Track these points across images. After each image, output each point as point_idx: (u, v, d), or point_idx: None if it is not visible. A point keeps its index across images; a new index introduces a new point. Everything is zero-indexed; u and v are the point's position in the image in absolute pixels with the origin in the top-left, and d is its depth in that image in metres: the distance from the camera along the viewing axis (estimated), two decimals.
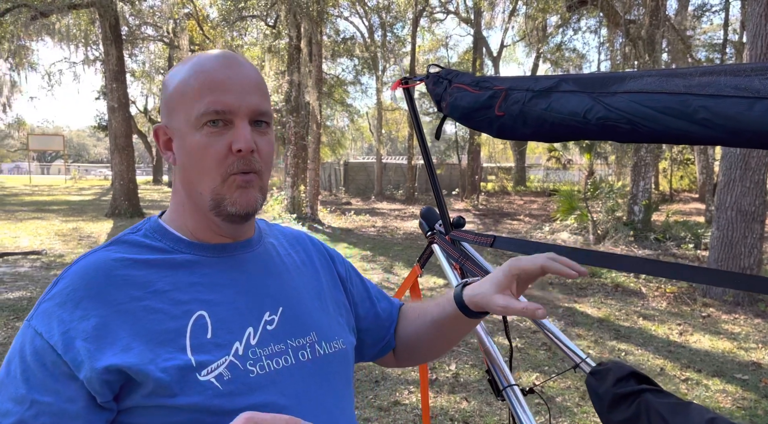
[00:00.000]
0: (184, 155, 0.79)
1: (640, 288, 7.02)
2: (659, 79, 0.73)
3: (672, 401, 0.74)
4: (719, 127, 0.65)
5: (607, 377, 0.80)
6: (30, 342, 0.72)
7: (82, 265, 0.77)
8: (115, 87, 13.32)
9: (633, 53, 11.92)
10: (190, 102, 0.77)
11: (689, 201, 21.23)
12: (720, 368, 4.36)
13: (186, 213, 0.83)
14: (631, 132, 0.75)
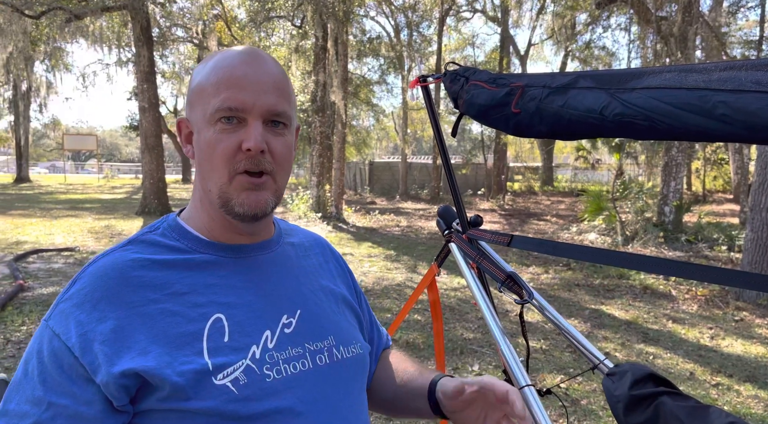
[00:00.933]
0: (198, 150, 0.79)
1: (670, 290, 6.86)
2: (678, 75, 0.71)
3: (690, 405, 0.73)
4: (739, 123, 0.64)
5: (624, 378, 0.78)
6: (48, 343, 0.71)
7: (100, 265, 0.76)
8: (145, 88, 13.61)
9: (665, 51, 11.65)
10: (207, 97, 0.76)
11: (723, 202, 20.64)
12: (752, 373, 4.23)
13: (203, 210, 0.82)
14: (649, 129, 0.74)
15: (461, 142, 33.43)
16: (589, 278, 7.62)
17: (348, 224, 13.14)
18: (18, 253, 7.90)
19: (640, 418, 0.74)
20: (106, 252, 0.79)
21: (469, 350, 4.56)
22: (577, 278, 7.70)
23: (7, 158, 43.16)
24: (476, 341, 4.78)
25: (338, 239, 10.56)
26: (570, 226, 13.17)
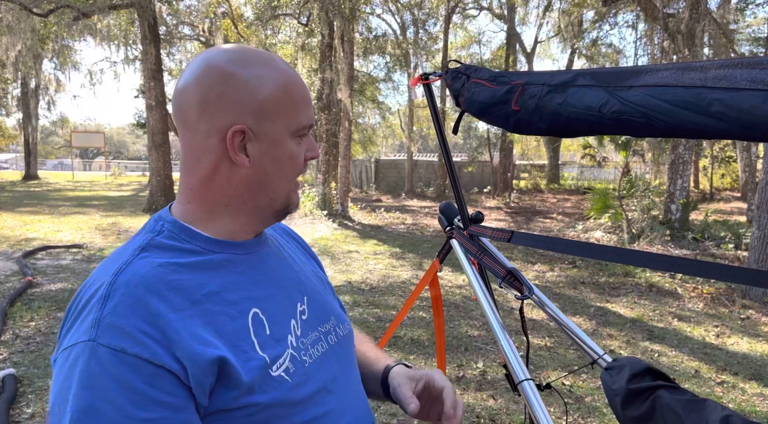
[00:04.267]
0: (271, 161, 0.79)
1: (676, 288, 6.84)
2: (675, 73, 0.72)
3: (687, 398, 0.74)
4: (733, 120, 0.65)
5: (623, 372, 0.79)
6: (110, 364, 0.64)
7: (131, 276, 0.71)
8: (152, 85, 13.67)
9: (672, 48, 11.58)
10: (291, 112, 0.80)
11: (731, 200, 20.50)
12: (758, 371, 4.22)
13: (223, 215, 0.81)
14: (646, 126, 0.75)
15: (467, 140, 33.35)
16: (595, 276, 7.60)
17: (354, 221, 13.16)
18: (27, 249, 7.98)
19: (638, 411, 0.76)
20: (123, 265, 0.73)
21: (473, 347, 4.57)
22: (583, 275, 7.69)
23: (16, 156, 43.48)
24: (480, 338, 4.79)
25: (344, 237, 10.58)
26: (576, 224, 13.13)
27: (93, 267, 7.15)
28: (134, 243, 0.78)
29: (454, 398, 0.90)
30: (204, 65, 0.78)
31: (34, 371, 3.77)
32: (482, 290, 1.09)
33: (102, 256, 7.98)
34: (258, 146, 0.78)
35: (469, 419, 3.32)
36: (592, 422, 3.33)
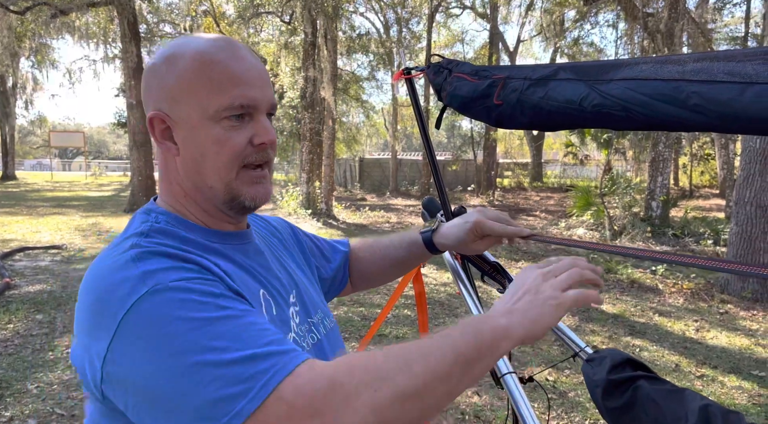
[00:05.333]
0: (195, 148, 0.76)
1: (657, 284, 6.94)
2: (654, 66, 0.73)
3: (667, 388, 0.74)
4: (711, 112, 0.65)
5: (603, 364, 0.80)
6: (175, 287, 0.63)
7: (149, 245, 0.69)
8: (133, 84, 13.49)
9: (652, 47, 11.74)
10: (206, 94, 0.74)
11: (709, 197, 20.87)
12: (737, 364, 4.30)
13: (192, 203, 0.80)
14: (626, 119, 0.75)
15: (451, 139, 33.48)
16: None
17: (338, 220, 13.13)
18: (4, 251, 7.82)
19: (618, 402, 0.76)
20: (133, 243, 0.70)
21: None
22: None
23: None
24: None
25: (328, 236, 10.53)
26: (559, 221, 13.26)
27: (73, 268, 7.05)
28: (132, 232, 0.74)
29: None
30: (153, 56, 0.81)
31: (13, 374, 3.70)
32: (465, 284, 1.09)
33: (83, 257, 7.86)
34: (180, 133, 0.76)
35: (453, 415, 3.33)
36: (576, 416, 3.36)
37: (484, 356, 0.65)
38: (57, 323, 4.83)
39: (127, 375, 0.62)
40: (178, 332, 0.60)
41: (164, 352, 0.60)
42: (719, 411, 0.69)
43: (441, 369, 0.62)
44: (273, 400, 0.57)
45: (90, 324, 0.66)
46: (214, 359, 0.59)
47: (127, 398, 0.63)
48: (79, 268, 7.10)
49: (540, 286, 0.70)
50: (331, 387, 0.59)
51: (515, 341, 0.66)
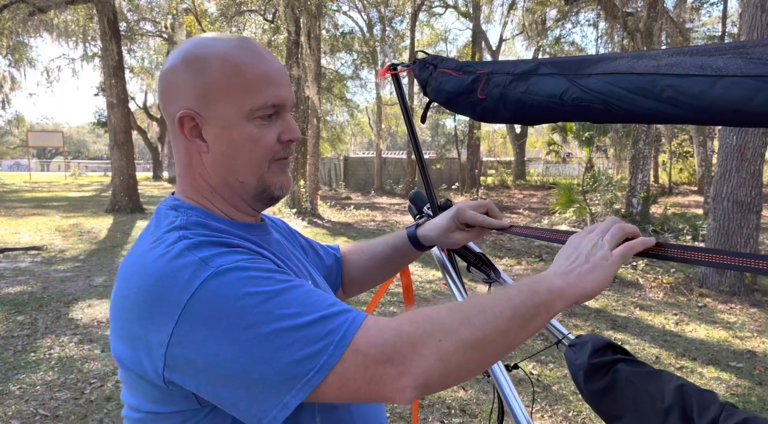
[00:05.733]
0: (227, 145, 0.78)
1: (638, 279, 7.05)
2: (630, 61, 0.76)
3: (645, 370, 0.78)
4: (684, 105, 0.68)
5: (585, 348, 0.83)
6: (237, 267, 0.67)
7: (195, 238, 0.72)
8: (114, 83, 13.31)
9: (631, 46, 11.91)
10: (240, 94, 0.76)
11: (688, 194, 21.24)
12: (715, 356, 4.40)
13: (217, 198, 0.82)
14: (605, 112, 0.78)
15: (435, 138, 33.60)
16: None
17: (323, 219, 13.11)
18: None
19: (599, 385, 0.79)
20: (179, 236, 0.72)
21: None
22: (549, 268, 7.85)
23: None
24: None
25: (313, 235, 10.54)
26: (542, 218, 13.40)
27: (54, 269, 6.96)
28: (169, 226, 0.75)
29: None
30: (170, 56, 0.82)
31: None
32: (453, 277, 1.12)
33: (64, 257, 7.76)
34: (212, 130, 0.78)
35: (440, 410, 3.37)
36: (559, 408, 3.42)
37: (540, 314, 0.70)
38: (39, 324, 4.77)
39: (197, 356, 0.64)
40: (250, 306, 0.64)
41: (240, 326, 0.63)
42: (694, 391, 0.72)
43: (500, 323, 0.67)
44: (350, 352, 0.63)
45: (145, 314, 0.67)
46: (291, 324, 0.64)
47: (199, 378, 0.65)
48: (60, 269, 7.01)
49: (591, 248, 0.75)
50: (399, 336, 0.64)
51: (570, 301, 0.71)
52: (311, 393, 0.63)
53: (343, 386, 0.64)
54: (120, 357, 0.72)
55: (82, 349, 4.25)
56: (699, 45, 0.72)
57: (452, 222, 1.05)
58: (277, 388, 0.63)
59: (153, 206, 15.01)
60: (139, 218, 12.33)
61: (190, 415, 0.71)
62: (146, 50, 26.75)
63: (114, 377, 3.72)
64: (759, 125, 0.63)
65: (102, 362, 3.99)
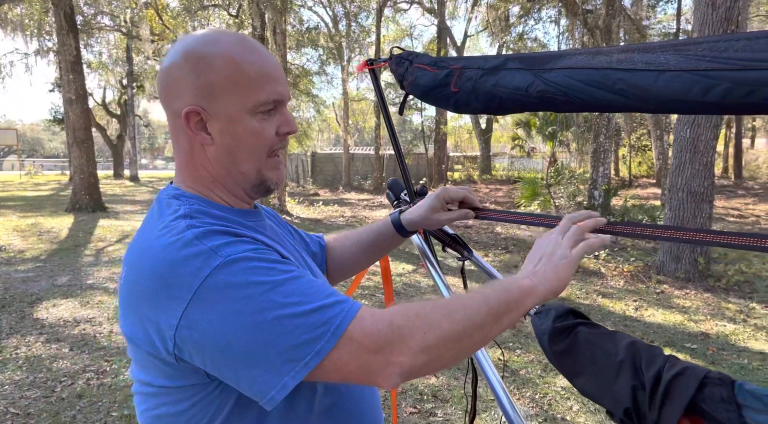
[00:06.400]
0: (231, 138, 0.83)
1: (600, 268, 7.32)
2: (587, 57, 0.85)
3: (601, 331, 0.88)
4: (633, 96, 0.78)
5: (549, 314, 0.92)
6: (244, 258, 0.72)
7: (202, 227, 0.77)
8: (72, 78, 12.93)
9: (591, 42, 12.27)
10: (245, 90, 0.81)
11: (647, 186, 21.96)
12: (671, 338, 4.64)
13: (218, 187, 0.87)
14: (566, 103, 0.87)
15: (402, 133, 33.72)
16: None
17: (292, 215, 13.08)
18: None
19: (562, 346, 0.89)
20: (187, 224, 0.77)
21: None
22: (516, 260, 8.07)
23: None
24: None
25: None
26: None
27: (15, 269, 6.77)
28: (174, 215, 0.80)
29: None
30: (170, 53, 0.86)
31: None
32: (428, 256, 1.20)
33: (24, 258, 7.55)
34: (216, 125, 0.83)
35: (413, 396, 3.47)
36: (527, 391, 3.57)
37: (512, 310, 0.79)
38: (3, 325, 4.66)
39: (205, 337, 0.70)
40: (255, 294, 0.70)
41: (245, 312, 0.69)
42: (643, 346, 0.82)
43: (477, 319, 0.75)
44: (345, 340, 0.70)
45: (156, 298, 0.72)
46: (292, 312, 0.70)
47: (205, 358, 0.72)
48: (20, 269, 6.83)
49: (552, 249, 0.85)
50: (390, 328, 0.72)
51: (539, 297, 0.81)
52: (308, 374, 0.70)
53: (337, 371, 0.71)
54: (131, 336, 0.78)
55: (50, 348, 4.18)
56: (646, 43, 0.82)
57: (438, 201, 1.13)
58: (277, 370, 0.69)
59: (116, 205, 14.67)
60: (102, 217, 12.04)
61: (201, 388, 0.77)
62: (105, 45, 26.00)
63: (85, 375, 3.69)
64: (695, 112, 0.73)
65: (71, 361, 3.94)
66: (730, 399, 0.72)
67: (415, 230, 1.20)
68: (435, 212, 1.14)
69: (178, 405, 0.79)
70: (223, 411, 0.78)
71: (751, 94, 0.66)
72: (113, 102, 30.66)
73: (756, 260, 7.57)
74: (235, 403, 0.78)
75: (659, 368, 0.78)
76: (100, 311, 5.19)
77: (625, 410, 0.80)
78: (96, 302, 5.49)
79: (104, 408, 3.24)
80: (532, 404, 3.42)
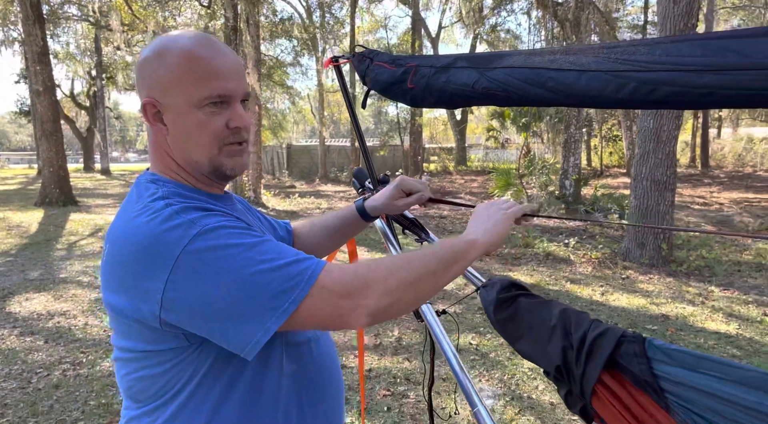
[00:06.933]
0: (182, 129, 0.91)
1: (569, 256, 7.55)
2: (525, 57, 0.96)
3: (539, 300, 0.99)
4: (561, 92, 0.89)
5: (494, 287, 1.03)
6: (220, 226, 0.81)
7: (179, 203, 0.86)
8: (39, 69, 12.64)
9: (562, 34, 12.49)
10: (191, 85, 0.88)
11: (618, 176, 22.45)
12: (634, 321, 4.86)
13: (183, 172, 0.95)
14: (506, 98, 0.98)
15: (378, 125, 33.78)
16: (499, 248, 8.19)
17: (267, 208, 13.07)
18: None
19: (505, 314, 1.00)
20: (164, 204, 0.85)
21: None
22: None
23: None
24: None
25: None
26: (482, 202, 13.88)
27: None
28: (153, 197, 0.88)
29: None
30: (143, 50, 0.96)
31: None
32: (392, 242, 1.31)
33: None
34: (169, 116, 0.91)
35: (386, 380, 3.59)
36: (496, 373, 3.72)
37: (459, 260, 0.92)
38: None
39: (191, 296, 0.78)
40: (234, 254, 0.79)
41: (227, 270, 0.78)
42: (573, 312, 0.94)
43: (431, 266, 0.88)
44: (317, 288, 0.80)
45: (141, 267, 0.80)
46: (269, 267, 0.79)
47: (192, 316, 0.80)
48: None
49: (491, 212, 1.04)
50: (356, 276, 0.83)
51: (480, 249, 0.96)
52: (287, 321, 0.79)
53: (312, 316, 0.80)
54: (115, 307, 0.86)
55: (24, 341, 4.19)
56: (570, 46, 0.92)
57: (396, 190, 1.25)
58: (260, 316, 0.78)
59: (87, 199, 14.44)
60: (73, 211, 11.86)
61: (180, 351, 0.86)
62: (73, 35, 25.36)
63: (61, 367, 3.72)
64: (611, 107, 0.85)
65: (47, 353, 3.96)
66: (642, 354, 0.84)
67: (378, 216, 1.30)
68: (395, 200, 1.25)
69: (157, 368, 0.88)
70: (199, 373, 0.87)
71: (653, 93, 0.77)
72: (82, 94, 29.97)
73: (717, 246, 7.90)
74: (211, 365, 0.87)
75: (585, 330, 0.89)
76: (74, 304, 5.18)
77: (557, 367, 0.91)
78: (70, 295, 5.47)
79: (81, 398, 3.29)
80: (500, 384, 3.57)
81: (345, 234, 1.34)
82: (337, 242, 1.35)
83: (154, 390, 0.89)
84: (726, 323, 4.76)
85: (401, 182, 1.25)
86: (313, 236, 1.31)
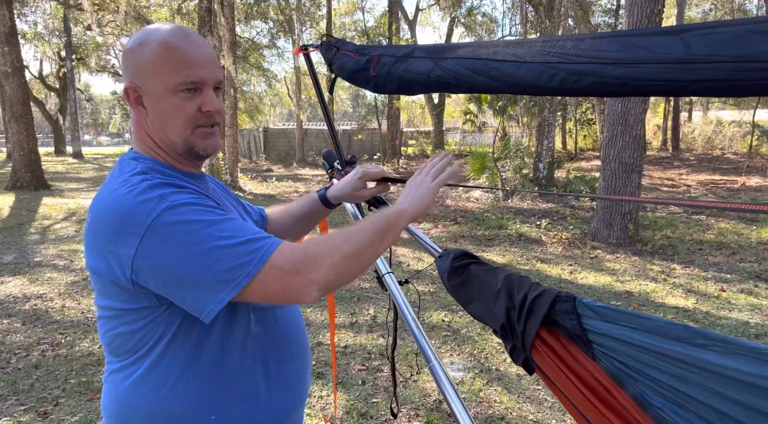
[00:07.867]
0: (159, 112, 1.01)
1: (541, 236, 7.77)
2: (473, 49, 1.06)
3: (487, 267, 1.11)
4: (504, 81, 1.00)
5: (448, 257, 1.15)
6: (187, 203, 0.91)
7: (154, 177, 0.96)
8: (7, 50, 12.31)
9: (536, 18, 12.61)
10: (167, 73, 0.98)
11: (591, 159, 22.83)
12: (599, 297, 5.07)
13: (162, 151, 1.05)
14: (457, 85, 1.09)
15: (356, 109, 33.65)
16: (473, 230, 8.38)
17: (245, 191, 13.05)
18: None
19: (458, 281, 1.12)
20: (140, 178, 0.95)
21: (365, 297, 4.99)
22: (463, 230, 8.43)
23: None
24: (371, 289, 5.22)
25: None
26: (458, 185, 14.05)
27: None
28: (133, 172, 0.98)
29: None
30: (129, 39, 1.05)
31: None
32: (358, 215, 1.41)
33: None
34: (149, 100, 1.02)
35: (361, 355, 3.72)
36: (466, 347, 3.88)
37: (391, 229, 1.03)
38: None
39: (158, 263, 0.89)
40: (197, 229, 0.89)
41: (189, 243, 0.88)
42: (516, 276, 1.06)
43: (367, 238, 0.98)
44: (269, 266, 0.89)
45: (115, 235, 0.91)
46: (226, 244, 0.89)
47: (157, 281, 0.91)
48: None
49: (418, 183, 1.13)
50: (305, 255, 0.92)
51: (409, 216, 1.07)
52: (239, 293, 0.89)
53: (264, 291, 0.90)
54: (95, 270, 0.98)
55: (1, 323, 4.21)
56: (515, 39, 1.03)
57: (359, 182, 1.34)
58: (214, 288, 0.88)
59: (59, 183, 14.20)
60: (46, 195, 11.68)
61: (152, 310, 0.98)
62: (41, 15, 24.60)
63: (40, 347, 3.77)
64: (546, 94, 0.96)
65: (25, 335, 4.00)
66: (573, 311, 0.97)
67: (340, 203, 1.40)
68: (357, 191, 1.35)
69: (133, 324, 0.99)
70: (171, 329, 0.99)
71: (578, 82, 0.88)
72: (51, 75, 29.18)
73: (681, 226, 8.20)
74: (181, 323, 0.99)
75: (525, 292, 1.02)
76: (50, 287, 5.19)
77: (502, 325, 1.03)
78: (45, 278, 5.47)
79: (62, 376, 3.35)
80: (470, 358, 3.74)
81: (312, 220, 1.45)
82: (306, 226, 1.46)
83: (130, 345, 1.01)
84: (685, 299, 5.01)
85: (363, 174, 1.34)
86: (283, 223, 1.41)
